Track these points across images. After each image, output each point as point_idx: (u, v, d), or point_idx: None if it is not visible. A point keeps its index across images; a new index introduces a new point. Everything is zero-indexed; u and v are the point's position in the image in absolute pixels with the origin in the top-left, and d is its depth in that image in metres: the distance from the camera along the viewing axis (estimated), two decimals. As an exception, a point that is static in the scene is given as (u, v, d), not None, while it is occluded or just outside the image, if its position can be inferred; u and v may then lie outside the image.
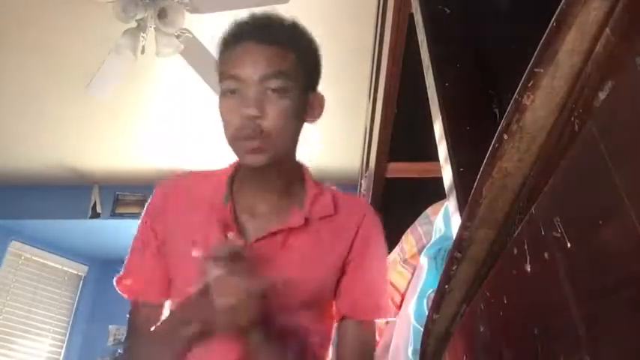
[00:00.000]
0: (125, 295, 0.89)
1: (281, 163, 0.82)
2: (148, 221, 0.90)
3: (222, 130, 0.81)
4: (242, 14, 0.88)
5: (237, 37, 0.82)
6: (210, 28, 2.77)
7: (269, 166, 0.79)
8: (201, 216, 0.84)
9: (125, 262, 0.90)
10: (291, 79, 0.79)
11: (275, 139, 0.77)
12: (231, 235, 0.80)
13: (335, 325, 0.87)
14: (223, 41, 0.84)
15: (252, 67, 0.78)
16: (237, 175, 0.88)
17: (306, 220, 0.83)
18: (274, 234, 0.81)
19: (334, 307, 0.86)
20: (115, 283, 0.90)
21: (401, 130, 1.68)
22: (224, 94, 0.80)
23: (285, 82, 0.78)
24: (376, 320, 0.89)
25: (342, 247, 0.84)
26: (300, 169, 0.90)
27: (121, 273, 0.90)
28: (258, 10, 0.90)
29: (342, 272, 0.85)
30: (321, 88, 0.89)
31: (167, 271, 0.86)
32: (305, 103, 0.83)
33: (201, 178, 0.92)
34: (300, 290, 0.81)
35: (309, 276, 0.82)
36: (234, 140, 0.79)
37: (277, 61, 0.79)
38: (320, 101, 0.86)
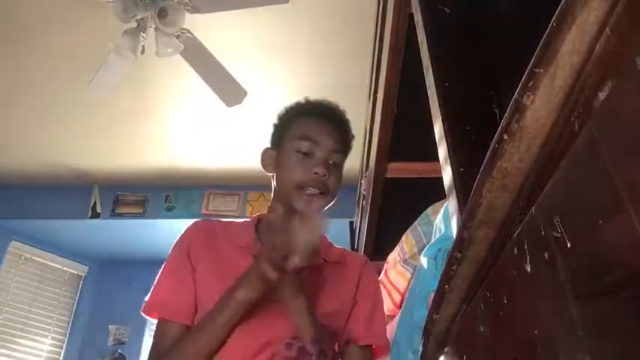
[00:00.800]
0: (154, 315, 0.96)
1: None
2: (184, 248, 0.99)
3: (282, 177, 1.00)
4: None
5: (311, 110, 1.06)
6: (211, 28, 2.78)
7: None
8: (233, 255, 0.97)
9: (155, 286, 0.97)
10: (344, 157, 1.05)
11: (329, 196, 0.99)
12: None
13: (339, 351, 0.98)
14: (300, 111, 1.07)
15: (329, 140, 1.00)
16: (263, 223, 1.04)
17: (324, 261, 1.00)
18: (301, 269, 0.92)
19: (342, 336, 0.97)
20: (144, 307, 0.96)
21: (401, 130, 1.68)
22: (297, 152, 0.99)
23: (342, 158, 1.04)
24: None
25: (349, 287, 1.00)
26: None
27: (151, 295, 0.97)
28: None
29: (350, 309, 0.99)
30: (320, 90, 0.93)
31: (195, 297, 0.94)
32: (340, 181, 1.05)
33: (230, 224, 1.07)
34: (321, 317, 0.92)
35: (327, 305, 0.95)
36: (297, 188, 0.96)
37: (343, 140, 1.04)
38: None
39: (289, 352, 0.84)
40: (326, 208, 0.99)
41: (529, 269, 0.40)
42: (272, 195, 1.05)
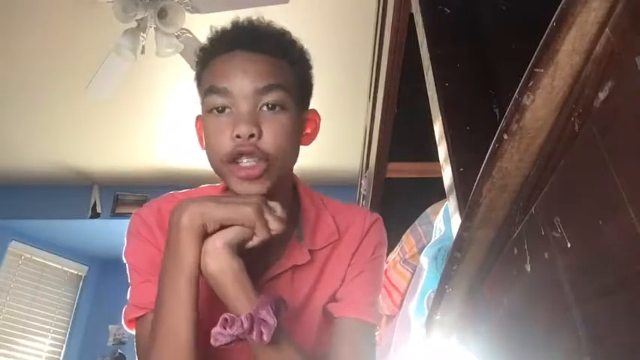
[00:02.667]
0: (133, 321, 0.75)
1: (277, 190, 0.71)
2: (137, 243, 0.78)
3: (208, 154, 0.73)
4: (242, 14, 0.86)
5: (223, 45, 0.73)
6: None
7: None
8: None
9: (130, 295, 0.77)
10: (288, 92, 0.71)
11: (274, 163, 0.68)
12: None
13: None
14: (205, 51, 0.76)
15: (244, 78, 0.69)
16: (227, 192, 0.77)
17: (311, 253, 0.76)
18: (281, 274, 0.75)
19: (329, 312, 0.78)
20: (124, 321, 0.76)
21: (401, 130, 1.68)
22: (210, 112, 0.71)
23: (281, 95, 0.69)
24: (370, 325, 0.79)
25: (342, 267, 0.79)
26: (296, 191, 0.82)
27: (129, 306, 0.76)
28: (244, 13, 0.84)
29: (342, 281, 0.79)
30: (320, 90, 0.88)
31: None
32: (300, 125, 0.75)
33: (189, 195, 0.81)
34: (309, 317, 0.76)
35: (318, 304, 0.77)
36: (224, 164, 0.69)
37: (271, 72, 0.70)
38: (316, 119, 0.81)
39: (230, 330, 0.60)
40: (276, 178, 0.69)
41: (529, 269, 0.41)
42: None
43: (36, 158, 4.06)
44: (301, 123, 0.76)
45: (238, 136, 0.67)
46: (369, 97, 2.19)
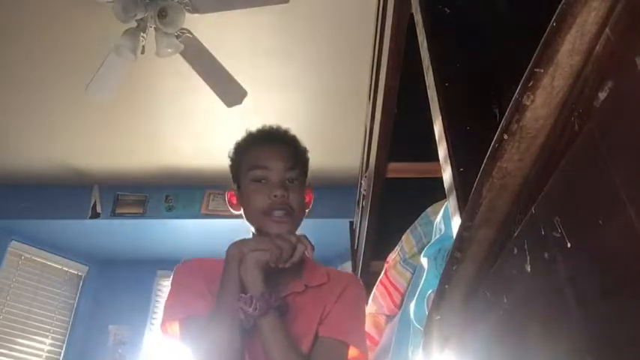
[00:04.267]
0: (174, 320, 1.00)
1: None
2: (187, 273, 1.07)
3: (248, 210, 1.06)
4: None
5: (261, 140, 1.11)
6: (211, 28, 2.78)
7: None
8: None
9: (167, 302, 1.03)
10: (300, 170, 1.08)
11: (296, 213, 1.04)
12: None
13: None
14: (249, 141, 1.12)
15: (279, 161, 1.05)
16: None
17: (306, 287, 1.05)
18: (284, 297, 1.01)
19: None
20: (162, 324, 1.01)
21: (401, 130, 1.68)
22: (254, 182, 1.05)
23: (298, 172, 1.07)
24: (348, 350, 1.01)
25: (329, 303, 1.03)
26: None
27: (165, 310, 1.03)
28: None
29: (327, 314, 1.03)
30: (320, 90, 0.92)
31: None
32: (304, 193, 1.10)
33: (218, 261, 1.08)
34: (302, 341, 0.98)
35: (309, 330, 0.99)
36: (264, 215, 1.03)
37: (291, 156, 1.08)
38: (310, 194, 1.14)
39: (244, 305, 0.89)
40: (297, 223, 1.05)
41: (529, 269, 0.41)
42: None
43: (36, 158, 4.06)
44: (304, 195, 1.11)
45: (275, 196, 1.02)
46: (369, 97, 2.19)
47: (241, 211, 1.10)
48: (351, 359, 1.00)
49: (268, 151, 1.08)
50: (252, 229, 1.08)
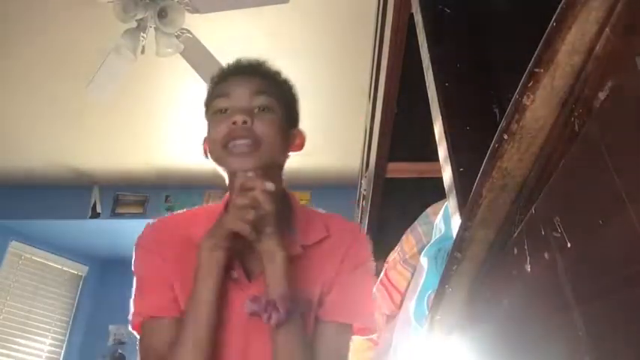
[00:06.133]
0: (138, 324, 0.86)
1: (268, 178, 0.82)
2: (146, 251, 0.89)
3: (209, 148, 0.88)
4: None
5: (227, 73, 0.94)
6: (210, 28, 2.78)
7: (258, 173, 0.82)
8: (195, 256, 0.82)
9: (133, 299, 0.87)
10: (275, 100, 0.89)
11: (263, 144, 0.83)
12: (234, 273, 0.83)
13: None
14: (214, 80, 0.95)
15: (242, 87, 0.88)
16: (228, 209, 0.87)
17: (303, 248, 0.86)
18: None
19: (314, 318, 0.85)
20: (131, 324, 0.87)
21: (401, 130, 1.68)
22: (214, 114, 0.88)
23: (270, 100, 0.87)
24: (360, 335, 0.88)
25: (331, 266, 0.87)
26: (287, 196, 0.93)
27: (132, 309, 0.86)
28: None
29: (328, 287, 0.86)
30: (320, 90, 0.91)
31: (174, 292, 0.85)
32: (287, 132, 0.91)
33: (191, 216, 0.95)
34: (305, 320, 0.82)
35: (308, 298, 0.84)
36: (223, 148, 0.84)
37: (263, 85, 0.89)
38: (302, 136, 0.95)
39: (254, 306, 0.75)
40: (266, 159, 0.84)
41: (529, 269, 0.41)
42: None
43: (36, 158, 4.06)
44: (290, 134, 0.92)
45: (234, 123, 0.83)
46: (369, 97, 2.19)
47: (208, 158, 0.91)
48: (357, 331, 0.87)
49: (235, 78, 0.91)
50: (224, 175, 0.90)
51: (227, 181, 0.89)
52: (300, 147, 0.94)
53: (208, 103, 0.92)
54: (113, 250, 4.77)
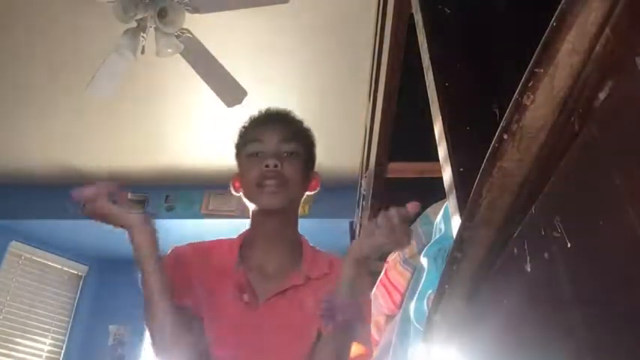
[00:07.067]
0: None
1: (289, 221, 1.02)
2: (177, 261, 1.01)
3: (243, 186, 1.02)
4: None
5: (259, 120, 1.08)
6: (211, 28, 2.78)
7: (280, 216, 0.99)
8: (216, 278, 0.98)
9: None
10: (301, 146, 1.03)
11: (290, 185, 0.98)
12: (245, 296, 0.95)
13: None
14: (245, 125, 1.09)
15: (274, 134, 1.01)
16: (246, 243, 1.04)
17: (307, 279, 0.99)
18: (282, 292, 0.97)
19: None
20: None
21: (401, 130, 1.68)
22: (248, 157, 1.01)
23: (297, 147, 1.02)
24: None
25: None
26: (299, 237, 1.07)
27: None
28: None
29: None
30: (320, 90, 0.93)
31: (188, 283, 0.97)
32: (308, 174, 1.06)
33: (214, 245, 1.06)
34: (304, 336, 0.93)
35: (311, 325, 0.92)
36: (256, 187, 0.97)
37: (291, 132, 1.04)
38: (317, 178, 1.10)
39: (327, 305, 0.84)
40: (291, 197, 0.99)
41: (529, 269, 0.40)
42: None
43: (36, 158, 4.06)
44: (309, 176, 1.07)
45: (267, 166, 0.96)
46: (369, 97, 2.19)
47: (240, 193, 1.06)
48: (355, 357, 0.95)
49: (265, 125, 1.05)
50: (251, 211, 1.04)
51: (250, 219, 1.04)
52: (316, 187, 1.10)
53: (241, 147, 1.06)
54: (113, 250, 4.76)
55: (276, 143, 1.01)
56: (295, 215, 1.05)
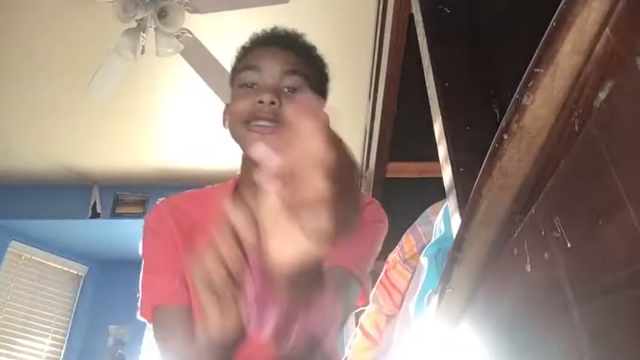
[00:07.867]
0: (149, 311, 0.81)
1: None
2: (154, 234, 0.87)
3: (229, 123, 0.83)
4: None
5: (258, 42, 0.88)
6: (210, 28, 2.78)
7: None
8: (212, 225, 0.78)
9: (141, 286, 0.84)
10: (306, 79, 0.82)
11: (293, 129, 0.76)
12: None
13: None
14: (243, 47, 0.90)
15: (274, 61, 0.81)
16: (238, 189, 0.87)
17: None
18: None
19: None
20: (139, 311, 0.82)
21: (401, 130, 1.68)
22: (240, 87, 0.83)
23: (300, 81, 0.81)
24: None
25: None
26: None
27: (143, 297, 0.82)
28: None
29: None
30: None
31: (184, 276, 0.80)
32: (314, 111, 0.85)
33: (197, 195, 0.93)
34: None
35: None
36: (240, 124, 0.79)
37: (294, 62, 0.83)
38: (328, 110, 0.90)
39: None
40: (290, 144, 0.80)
41: (529, 269, 0.40)
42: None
43: (36, 158, 4.06)
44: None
45: (261, 102, 0.77)
46: (369, 97, 2.19)
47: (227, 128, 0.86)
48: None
49: (266, 50, 0.84)
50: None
51: (241, 159, 0.85)
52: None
53: (236, 73, 0.87)
54: (113, 250, 4.77)
55: (277, 74, 0.81)
56: None
